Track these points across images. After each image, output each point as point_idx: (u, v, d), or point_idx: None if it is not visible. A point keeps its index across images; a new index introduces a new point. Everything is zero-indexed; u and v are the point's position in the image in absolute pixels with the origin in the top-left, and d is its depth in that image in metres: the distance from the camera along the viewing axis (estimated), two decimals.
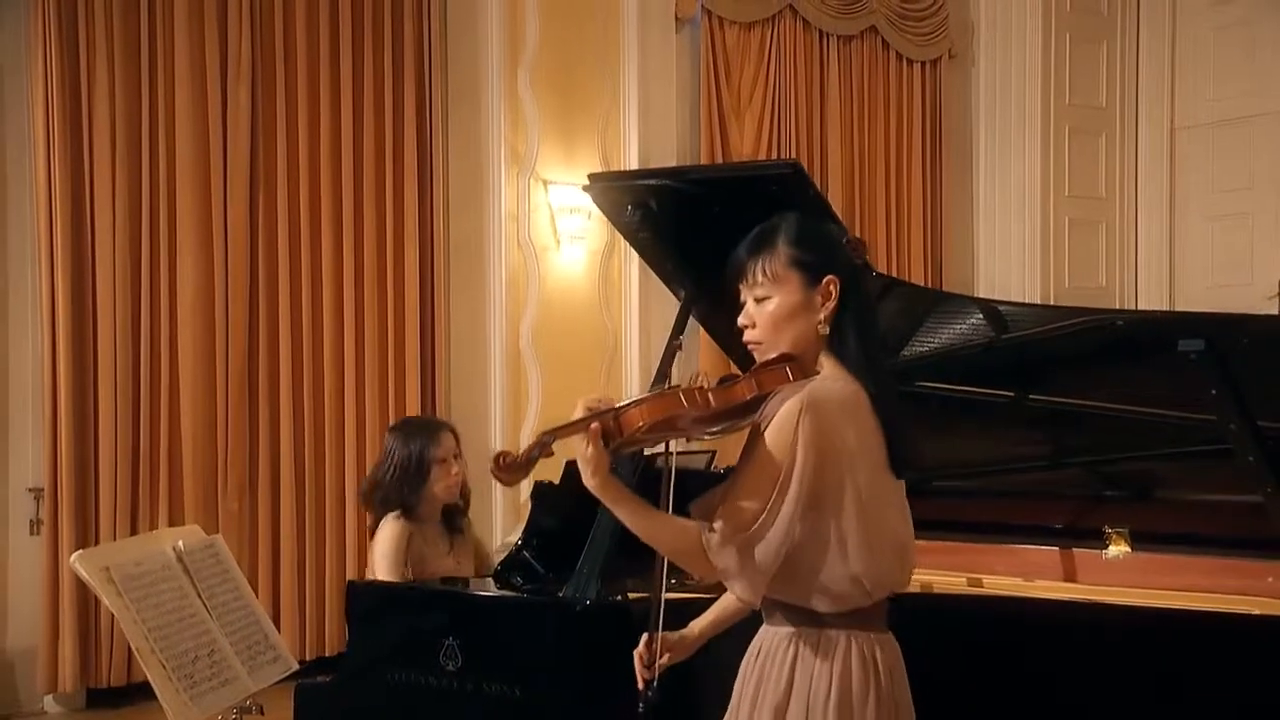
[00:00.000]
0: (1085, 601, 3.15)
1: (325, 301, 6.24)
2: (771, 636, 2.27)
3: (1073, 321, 3.07)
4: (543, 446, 2.17)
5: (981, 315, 3.19)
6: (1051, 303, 8.26)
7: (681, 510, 2.25)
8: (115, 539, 5.60)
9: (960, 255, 8.40)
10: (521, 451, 2.17)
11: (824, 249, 2.28)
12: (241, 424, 6.00)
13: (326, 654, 6.04)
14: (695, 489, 2.28)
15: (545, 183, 6.85)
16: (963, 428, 3.53)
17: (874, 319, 2.35)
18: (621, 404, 2.21)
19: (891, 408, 2.22)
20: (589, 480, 2.19)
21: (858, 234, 8.02)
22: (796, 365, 2.25)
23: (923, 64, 8.18)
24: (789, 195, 2.69)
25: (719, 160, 7.29)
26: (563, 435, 2.17)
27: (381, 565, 3.58)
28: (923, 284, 8.01)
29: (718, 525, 2.16)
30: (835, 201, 7.66)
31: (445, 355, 6.62)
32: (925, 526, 3.60)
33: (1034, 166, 8.30)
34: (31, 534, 5.65)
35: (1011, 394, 3.36)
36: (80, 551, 2.73)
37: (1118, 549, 3.38)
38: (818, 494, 2.14)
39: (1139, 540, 3.34)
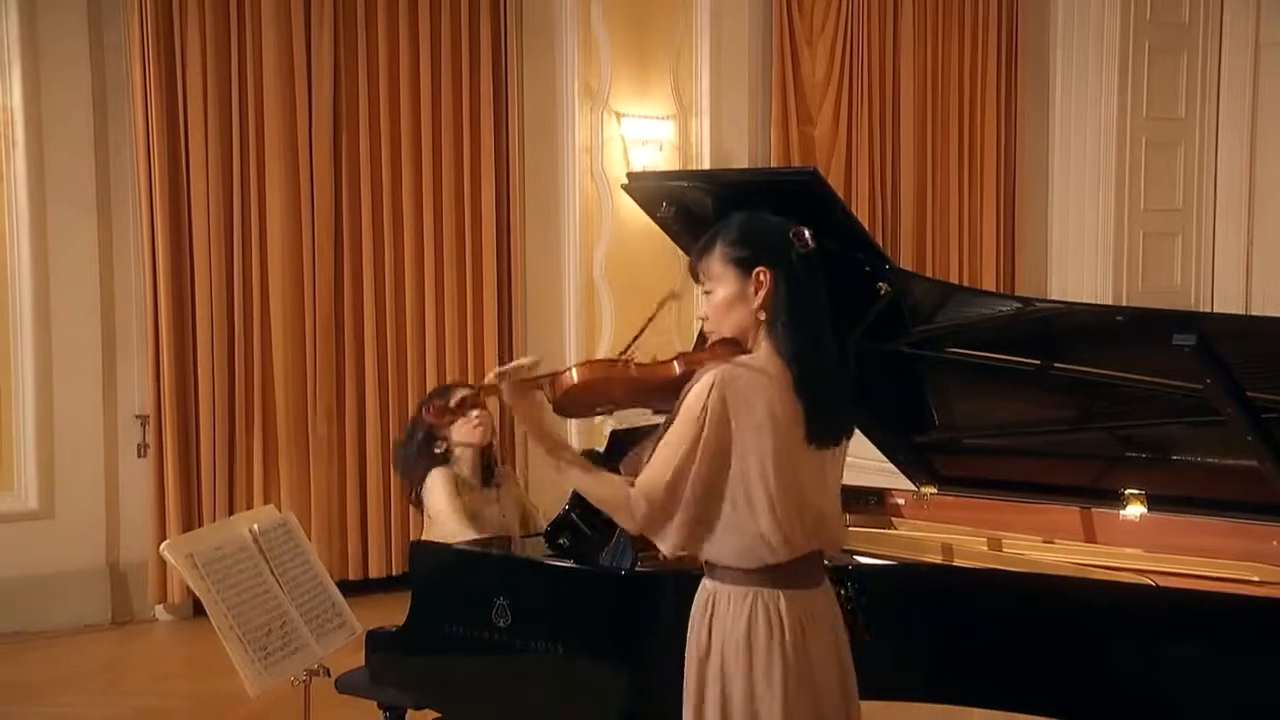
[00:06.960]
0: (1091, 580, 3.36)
1: (406, 234, 6.54)
2: (700, 591, 2.58)
3: (1082, 305, 3.24)
4: (473, 398, 2.62)
5: (1006, 297, 3.37)
6: (1126, 226, 8.26)
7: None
8: (214, 462, 6.07)
9: (1034, 177, 8.36)
10: (453, 400, 2.60)
11: (756, 244, 2.52)
12: (329, 352, 6.37)
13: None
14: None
15: (618, 115, 7.03)
16: (992, 391, 3.72)
17: (810, 304, 2.50)
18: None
19: (814, 388, 2.46)
20: (521, 428, 2.60)
21: (929, 162, 7.98)
22: (728, 347, 2.53)
23: None
24: (808, 197, 2.87)
25: (790, 90, 7.38)
26: (488, 393, 2.60)
27: (447, 518, 3.74)
28: (995, 210, 8.06)
29: (638, 486, 2.47)
30: (906, 129, 7.71)
31: (521, 285, 6.88)
32: (957, 483, 3.89)
33: (1111, 87, 8.15)
34: (139, 457, 6.13)
35: (1037, 362, 3.53)
36: (168, 540, 3.06)
37: (1134, 510, 3.56)
38: (723, 459, 2.42)
39: (1154, 502, 3.52)
